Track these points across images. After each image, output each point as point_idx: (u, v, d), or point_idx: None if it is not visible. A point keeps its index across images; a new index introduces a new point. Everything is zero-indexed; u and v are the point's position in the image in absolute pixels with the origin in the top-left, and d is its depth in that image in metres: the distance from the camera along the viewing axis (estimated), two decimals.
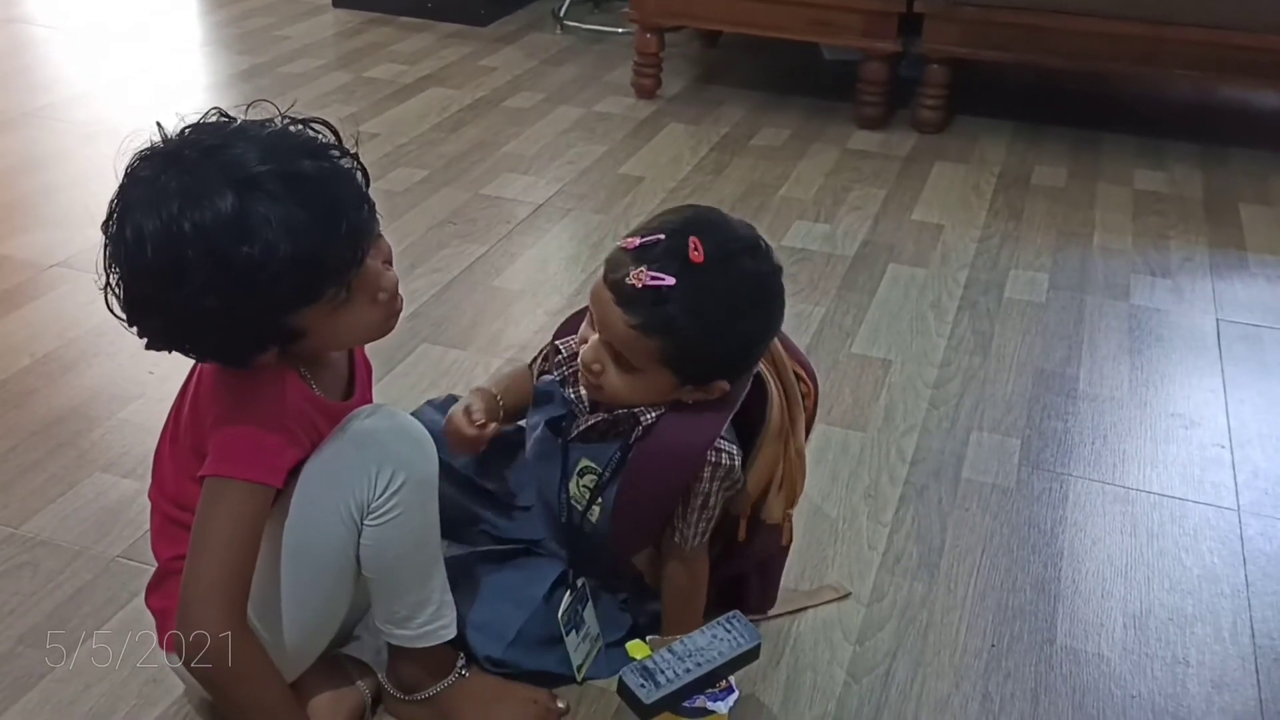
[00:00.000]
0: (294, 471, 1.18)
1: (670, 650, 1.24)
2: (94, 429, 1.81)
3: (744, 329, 1.25)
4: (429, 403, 1.52)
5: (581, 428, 1.35)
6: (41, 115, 3.03)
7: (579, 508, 1.37)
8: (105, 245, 1.08)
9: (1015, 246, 2.55)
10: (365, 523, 1.18)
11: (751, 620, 1.31)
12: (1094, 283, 2.40)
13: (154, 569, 1.30)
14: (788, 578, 1.53)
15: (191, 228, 1.03)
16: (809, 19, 3.10)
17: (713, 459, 1.29)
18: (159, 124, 1.11)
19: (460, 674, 1.31)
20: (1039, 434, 1.91)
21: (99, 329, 2.03)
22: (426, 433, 1.23)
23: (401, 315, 1.23)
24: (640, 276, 1.19)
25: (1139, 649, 1.49)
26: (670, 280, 1.19)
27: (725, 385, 1.28)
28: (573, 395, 1.35)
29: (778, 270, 1.28)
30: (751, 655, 1.27)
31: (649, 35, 3.26)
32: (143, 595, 1.34)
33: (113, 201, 1.08)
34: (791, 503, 1.40)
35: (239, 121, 1.11)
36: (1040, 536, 1.68)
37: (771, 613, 1.51)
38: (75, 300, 2.14)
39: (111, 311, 1.11)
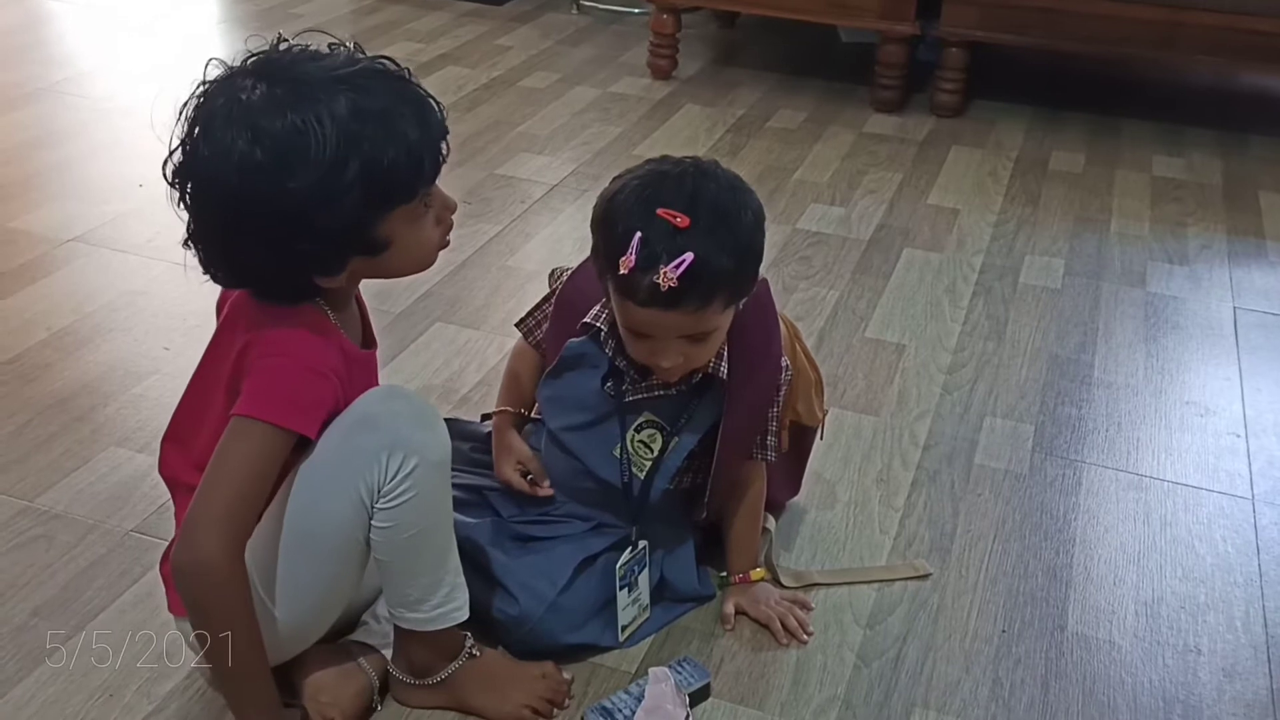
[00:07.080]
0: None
1: (627, 691, 1.33)
2: (109, 404, 1.82)
3: (750, 218, 1.26)
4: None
5: (647, 390, 1.40)
6: (57, 90, 3.04)
7: (639, 466, 1.41)
8: (181, 159, 1.11)
9: (1031, 232, 2.54)
10: (377, 505, 1.17)
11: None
12: (1110, 269, 2.39)
13: (168, 542, 1.30)
14: (819, 560, 1.54)
15: (304, 122, 1.06)
16: (826, 1, 3.08)
17: (785, 364, 1.42)
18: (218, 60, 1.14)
19: (470, 654, 1.31)
20: (1053, 420, 1.90)
21: (114, 304, 2.03)
22: (438, 415, 1.23)
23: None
24: (666, 277, 1.19)
25: (1150, 636, 1.49)
26: (689, 255, 1.19)
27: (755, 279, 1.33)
28: (624, 365, 1.39)
29: (722, 171, 1.29)
30: (703, 693, 1.35)
31: (666, 16, 3.25)
32: (156, 569, 1.34)
33: (191, 121, 1.10)
34: (823, 400, 1.56)
35: (307, 47, 1.15)
36: (1053, 523, 1.68)
37: (844, 581, 1.54)
38: (91, 275, 2.13)
39: (190, 237, 1.14)
